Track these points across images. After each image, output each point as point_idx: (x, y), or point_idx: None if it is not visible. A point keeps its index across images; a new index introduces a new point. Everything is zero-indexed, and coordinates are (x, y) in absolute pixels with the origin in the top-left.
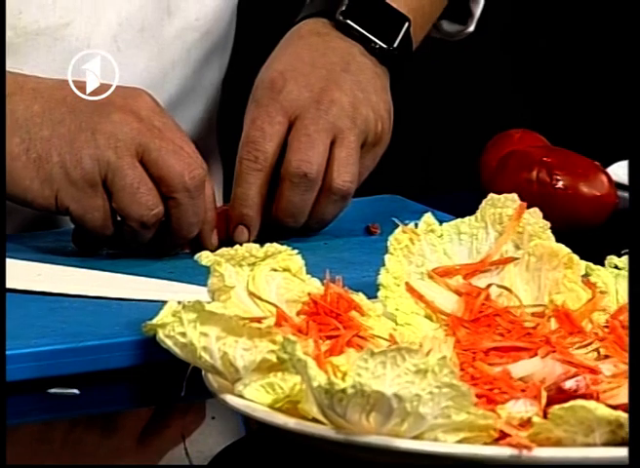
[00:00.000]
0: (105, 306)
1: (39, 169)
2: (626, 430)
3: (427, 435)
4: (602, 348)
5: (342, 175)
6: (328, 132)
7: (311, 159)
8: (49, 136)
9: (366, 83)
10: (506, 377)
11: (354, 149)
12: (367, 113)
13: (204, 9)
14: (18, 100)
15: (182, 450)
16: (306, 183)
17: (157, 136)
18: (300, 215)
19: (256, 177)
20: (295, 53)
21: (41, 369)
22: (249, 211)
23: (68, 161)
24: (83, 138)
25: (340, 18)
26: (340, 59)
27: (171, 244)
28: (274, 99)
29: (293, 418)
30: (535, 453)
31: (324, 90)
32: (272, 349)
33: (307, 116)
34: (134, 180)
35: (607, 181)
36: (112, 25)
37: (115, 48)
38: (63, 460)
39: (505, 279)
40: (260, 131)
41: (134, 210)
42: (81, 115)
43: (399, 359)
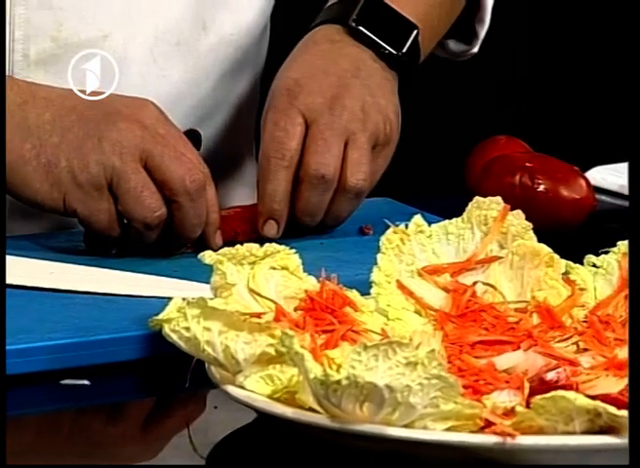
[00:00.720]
0: (114, 302)
1: (48, 173)
2: (604, 419)
3: (417, 423)
4: (581, 342)
5: (356, 173)
6: (341, 135)
7: (328, 161)
8: (58, 143)
9: (375, 87)
10: (491, 369)
11: (366, 150)
12: (376, 117)
13: (238, 24)
14: (29, 108)
15: (187, 438)
16: (324, 184)
17: (160, 143)
18: (317, 214)
19: (284, 174)
20: (309, 60)
21: (54, 361)
22: (279, 205)
23: (76, 166)
24: (90, 145)
25: (352, 24)
26: (351, 65)
27: (175, 244)
28: (292, 104)
29: (291, 408)
30: (518, 441)
31: (336, 96)
32: (271, 343)
33: (322, 121)
34: (137, 184)
35: (585, 185)
36: (149, 38)
37: (152, 60)
38: (74, 447)
39: (490, 277)
40: (284, 131)
41: (138, 212)
42: (89, 123)
43: (390, 352)
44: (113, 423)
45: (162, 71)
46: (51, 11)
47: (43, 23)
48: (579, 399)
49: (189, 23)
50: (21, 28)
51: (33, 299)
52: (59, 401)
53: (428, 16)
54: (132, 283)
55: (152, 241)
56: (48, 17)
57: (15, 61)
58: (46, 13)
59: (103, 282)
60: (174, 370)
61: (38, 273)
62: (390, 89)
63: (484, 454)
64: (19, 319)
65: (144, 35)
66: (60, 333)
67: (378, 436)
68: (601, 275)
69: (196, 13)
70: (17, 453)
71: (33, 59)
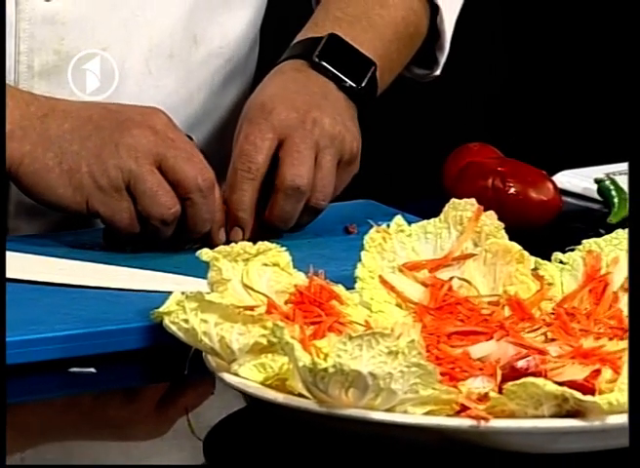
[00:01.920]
0: (119, 296)
1: (71, 178)
2: (570, 403)
3: (398, 408)
4: (549, 332)
5: (317, 193)
6: (313, 149)
7: (303, 173)
8: (78, 150)
9: (341, 110)
10: (466, 358)
11: (330, 170)
12: (344, 134)
13: (227, 38)
14: (50, 121)
15: (186, 421)
16: (299, 195)
17: (172, 146)
18: (290, 221)
19: (249, 185)
20: (280, 83)
21: (63, 350)
22: (243, 214)
23: (96, 171)
24: (107, 151)
25: (315, 59)
26: (320, 90)
27: (187, 239)
28: (265, 119)
29: (281, 394)
30: (491, 424)
31: (308, 112)
32: (263, 334)
33: (296, 135)
34: (153, 185)
35: (552, 188)
36: (144, 51)
37: (147, 71)
38: (82, 430)
39: (465, 272)
40: (253, 145)
41: (155, 210)
42: (105, 131)
43: (373, 342)
44: (118, 407)
45: (157, 81)
46: (53, 26)
47: (46, 38)
48: (547, 385)
49: (181, 37)
50: (26, 42)
51: (45, 293)
52: (68, 387)
53: (387, 51)
54: (135, 278)
55: (168, 236)
56: (50, 31)
57: (20, 72)
58: (49, 28)
59: (109, 278)
60: (174, 359)
61: (49, 269)
62: (353, 114)
63: (460, 436)
64: (31, 311)
65: (140, 48)
66: (68, 325)
67: (362, 419)
68: (567, 271)
69: (187, 27)
70: (29, 435)
71: (37, 71)
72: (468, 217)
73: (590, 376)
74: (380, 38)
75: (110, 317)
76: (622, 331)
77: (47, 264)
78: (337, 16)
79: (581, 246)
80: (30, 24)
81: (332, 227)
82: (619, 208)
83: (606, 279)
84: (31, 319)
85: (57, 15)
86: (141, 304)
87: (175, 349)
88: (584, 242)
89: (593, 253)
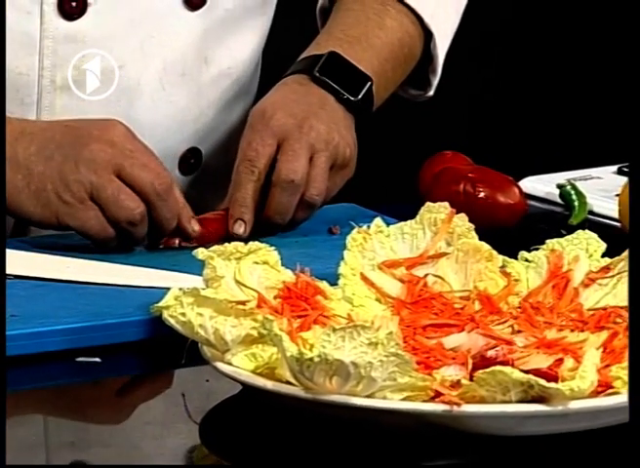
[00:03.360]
0: (122, 292)
1: (38, 197)
2: (535, 390)
3: (378, 394)
4: (515, 325)
5: (312, 189)
6: (308, 150)
7: (297, 168)
8: (43, 170)
9: (338, 119)
10: (440, 348)
11: (323, 169)
12: (338, 140)
13: (235, 60)
14: (18, 145)
15: (183, 406)
16: (293, 188)
17: (128, 156)
18: (287, 214)
19: (252, 185)
20: (282, 93)
21: (70, 341)
22: (246, 209)
23: (59, 187)
24: (68, 168)
25: (316, 74)
26: (318, 100)
27: (158, 236)
28: (266, 125)
29: (270, 381)
30: (463, 409)
31: (305, 118)
32: (254, 326)
33: (292, 137)
34: (114, 191)
35: (519, 192)
36: (158, 69)
37: (160, 87)
38: (87, 414)
39: (439, 270)
40: (255, 151)
41: (121, 214)
42: (66, 149)
43: (355, 334)
44: (121, 394)
45: (169, 97)
46: (75, 44)
47: (68, 54)
48: (514, 373)
49: (193, 58)
50: (49, 58)
51: (53, 289)
52: (74, 375)
53: (383, 69)
54: (137, 275)
55: (143, 235)
56: (72, 49)
57: (43, 86)
58: (70, 46)
59: (112, 275)
60: (172, 350)
61: (57, 267)
62: (350, 124)
63: (434, 420)
64: (40, 306)
65: (155, 66)
66: (75, 318)
67: (344, 405)
68: (532, 268)
69: (199, 49)
70: (38, 418)
71: (59, 85)
72: (442, 219)
73: (554, 365)
74: (378, 57)
75: (113, 311)
76: (583, 323)
77: (55, 263)
78: (338, 36)
79: (545, 245)
80: (54, 42)
81: (317, 228)
82: (579, 210)
83: (568, 276)
84: (41, 313)
85: (78, 33)
86: (142, 299)
87: (173, 340)
88: (548, 242)
89: (556, 251)
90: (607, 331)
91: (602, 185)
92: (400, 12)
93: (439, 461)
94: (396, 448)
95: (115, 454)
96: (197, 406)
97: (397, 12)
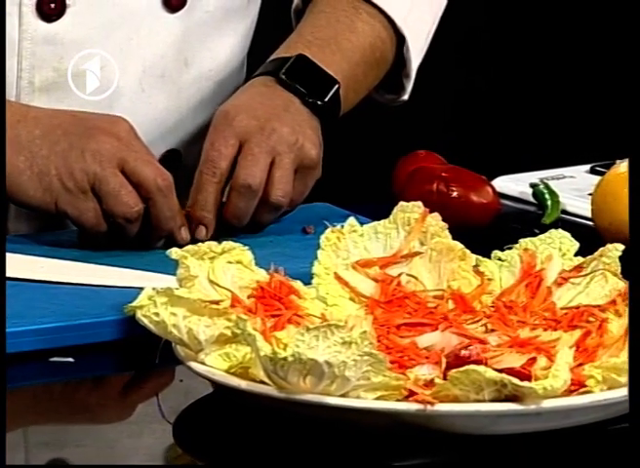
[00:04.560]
0: (95, 292)
1: (41, 181)
2: (509, 389)
3: (352, 393)
4: (489, 323)
5: (276, 190)
6: (268, 153)
7: (255, 173)
8: (47, 155)
9: (302, 121)
10: (414, 347)
11: (288, 170)
12: (303, 141)
13: (216, 62)
14: (21, 127)
15: (156, 406)
16: (250, 193)
17: (133, 150)
18: (244, 218)
19: (213, 188)
20: (247, 95)
21: (43, 342)
22: (208, 214)
23: (63, 173)
24: (74, 156)
25: (282, 76)
26: (283, 103)
27: (154, 237)
28: (229, 126)
29: (244, 381)
30: (436, 408)
31: (268, 120)
32: (228, 326)
33: (253, 140)
34: (116, 185)
35: (491, 192)
36: (138, 71)
37: (140, 89)
38: (62, 414)
39: (413, 269)
40: (218, 151)
41: (118, 209)
42: (73, 137)
43: (329, 333)
44: (94, 394)
45: (149, 99)
46: (54, 46)
47: (46, 56)
48: (488, 372)
49: (173, 60)
50: (27, 60)
51: (26, 289)
52: (48, 375)
53: (353, 73)
54: (110, 275)
55: (134, 234)
56: (51, 51)
57: (21, 87)
58: (49, 47)
59: (86, 275)
60: (145, 349)
61: (30, 267)
62: (316, 126)
63: (408, 419)
64: (13, 306)
65: (134, 68)
66: (48, 318)
67: (318, 404)
68: (505, 267)
69: (179, 51)
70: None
71: (37, 86)
72: (415, 219)
73: (527, 364)
74: (348, 61)
75: (87, 311)
76: (556, 322)
77: (28, 263)
78: (308, 39)
79: (518, 244)
80: (32, 44)
81: (291, 228)
82: (551, 210)
83: (540, 275)
84: (14, 313)
85: (57, 35)
86: (116, 299)
87: (146, 340)
88: (521, 241)
89: (529, 251)
90: (580, 329)
91: (575, 185)
92: (372, 15)
93: (413, 460)
94: (370, 447)
95: (90, 454)
96: (171, 405)
97: (369, 15)
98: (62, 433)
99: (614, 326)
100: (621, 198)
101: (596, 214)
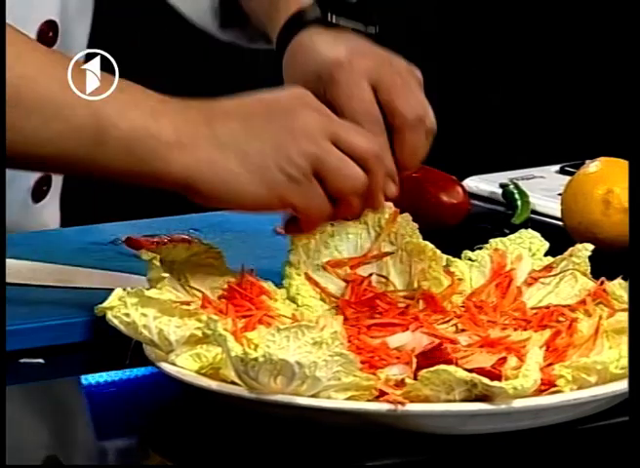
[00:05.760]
0: (66, 293)
1: (262, 177)
2: (479, 388)
3: (322, 394)
4: (459, 323)
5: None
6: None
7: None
8: (260, 148)
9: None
10: (384, 347)
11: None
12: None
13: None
14: (216, 124)
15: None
16: (422, 124)
17: (337, 121)
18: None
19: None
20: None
21: (14, 343)
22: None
23: (284, 163)
24: (286, 141)
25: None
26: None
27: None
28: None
29: (215, 381)
30: (407, 408)
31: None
32: (199, 326)
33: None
34: (336, 161)
35: (462, 192)
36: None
37: None
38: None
39: (383, 269)
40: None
41: (347, 184)
42: (275, 122)
43: (300, 333)
44: (64, 395)
45: None
46: None
47: None
48: (458, 372)
49: None
50: None
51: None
52: (18, 377)
53: None
54: (80, 277)
55: (359, 209)
56: None
57: None
58: None
59: (56, 276)
60: (116, 351)
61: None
62: None
63: (379, 419)
64: None
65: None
66: (19, 319)
67: (289, 404)
68: (476, 267)
69: None
70: None
71: None
72: (386, 219)
73: (497, 364)
74: None
75: (57, 312)
76: (526, 322)
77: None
78: None
79: (488, 244)
80: None
81: (262, 228)
82: (521, 210)
83: (511, 275)
84: None
85: None
86: (86, 300)
87: (117, 341)
88: (491, 241)
89: (499, 251)
90: (550, 329)
91: (545, 185)
92: None
93: (383, 460)
94: (340, 447)
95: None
96: (142, 407)
97: None
98: (31, 434)
99: (583, 325)
100: (591, 198)
101: (566, 214)
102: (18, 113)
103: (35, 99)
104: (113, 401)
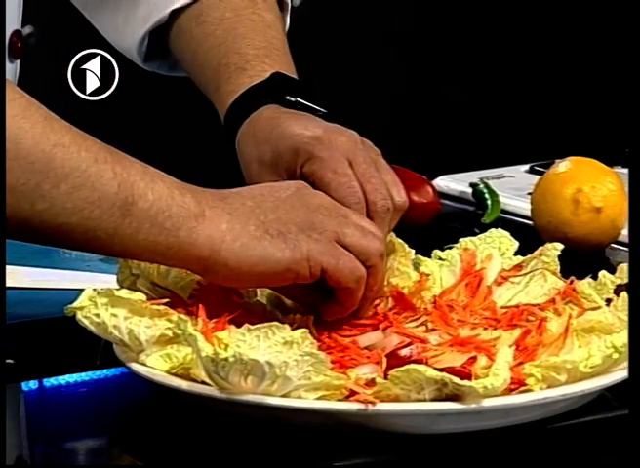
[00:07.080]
0: (38, 294)
1: (285, 240)
2: (449, 388)
3: (293, 393)
4: (430, 322)
5: (398, 194)
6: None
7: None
8: (278, 217)
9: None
10: (355, 347)
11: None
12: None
13: None
14: (233, 201)
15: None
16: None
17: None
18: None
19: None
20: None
21: None
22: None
23: (305, 226)
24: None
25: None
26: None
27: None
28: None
29: (185, 381)
30: (378, 407)
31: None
32: (169, 326)
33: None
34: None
35: (432, 191)
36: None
37: None
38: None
39: None
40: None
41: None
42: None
43: (270, 333)
44: (35, 395)
45: None
46: None
47: None
48: (428, 371)
49: None
50: None
51: None
52: None
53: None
54: (50, 277)
55: None
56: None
57: None
58: None
59: (26, 277)
60: (86, 351)
61: None
62: None
63: (349, 419)
64: None
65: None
66: None
67: (260, 404)
68: (446, 266)
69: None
70: None
71: None
72: None
73: (467, 363)
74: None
75: (27, 312)
76: (496, 321)
77: None
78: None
79: (458, 244)
80: None
81: None
82: (492, 209)
83: (481, 274)
84: None
85: None
86: (56, 300)
87: (87, 341)
88: (461, 240)
89: (469, 250)
90: (519, 328)
91: (514, 184)
92: None
93: (354, 460)
94: (311, 446)
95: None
96: (112, 407)
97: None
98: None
99: (553, 324)
100: (560, 197)
101: (535, 214)
102: (48, 181)
103: (67, 168)
104: (84, 401)
